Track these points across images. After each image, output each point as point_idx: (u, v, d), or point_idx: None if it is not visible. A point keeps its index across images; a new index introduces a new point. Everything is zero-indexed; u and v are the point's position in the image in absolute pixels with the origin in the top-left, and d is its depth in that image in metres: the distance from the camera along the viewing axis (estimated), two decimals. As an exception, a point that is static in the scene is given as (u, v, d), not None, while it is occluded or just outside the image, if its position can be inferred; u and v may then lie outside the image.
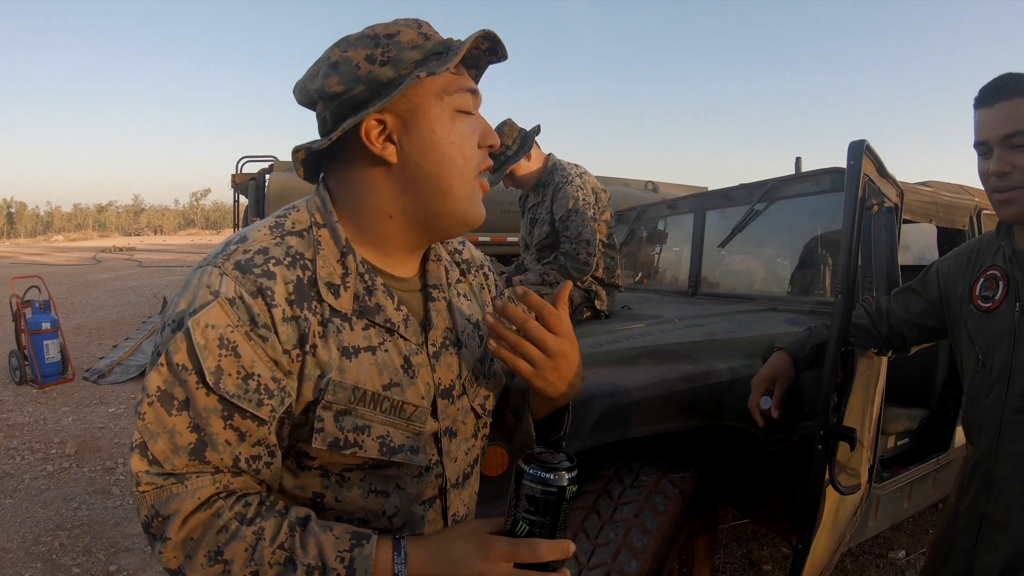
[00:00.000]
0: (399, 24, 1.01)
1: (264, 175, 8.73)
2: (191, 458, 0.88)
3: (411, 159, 1.00)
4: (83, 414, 6.29)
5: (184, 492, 0.88)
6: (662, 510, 2.11)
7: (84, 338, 10.28)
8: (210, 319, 0.88)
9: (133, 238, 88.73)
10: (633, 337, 2.62)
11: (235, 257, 0.94)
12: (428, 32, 1.02)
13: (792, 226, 3.51)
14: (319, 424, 0.96)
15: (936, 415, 3.51)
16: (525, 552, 0.90)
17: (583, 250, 3.17)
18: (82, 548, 3.72)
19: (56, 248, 51.85)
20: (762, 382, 2.09)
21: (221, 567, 0.87)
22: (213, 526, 0.88)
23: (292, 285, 0.95)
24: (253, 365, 0.90)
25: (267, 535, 0.88)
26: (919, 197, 3.10)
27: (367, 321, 1.01)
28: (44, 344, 7.34)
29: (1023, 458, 1.61)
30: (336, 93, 0.99)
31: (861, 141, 1.99)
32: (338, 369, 0.96)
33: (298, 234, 1.00)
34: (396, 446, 1.02)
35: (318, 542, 0.89)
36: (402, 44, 0.98)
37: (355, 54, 0.98)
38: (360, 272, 1.01)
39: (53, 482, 4.68)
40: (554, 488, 0.90)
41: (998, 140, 1.55)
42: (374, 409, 1.00)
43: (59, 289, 16.09)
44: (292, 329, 0.93)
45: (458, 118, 1.02)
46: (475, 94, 1.05)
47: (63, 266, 27.71)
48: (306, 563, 0.87)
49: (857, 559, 3.61)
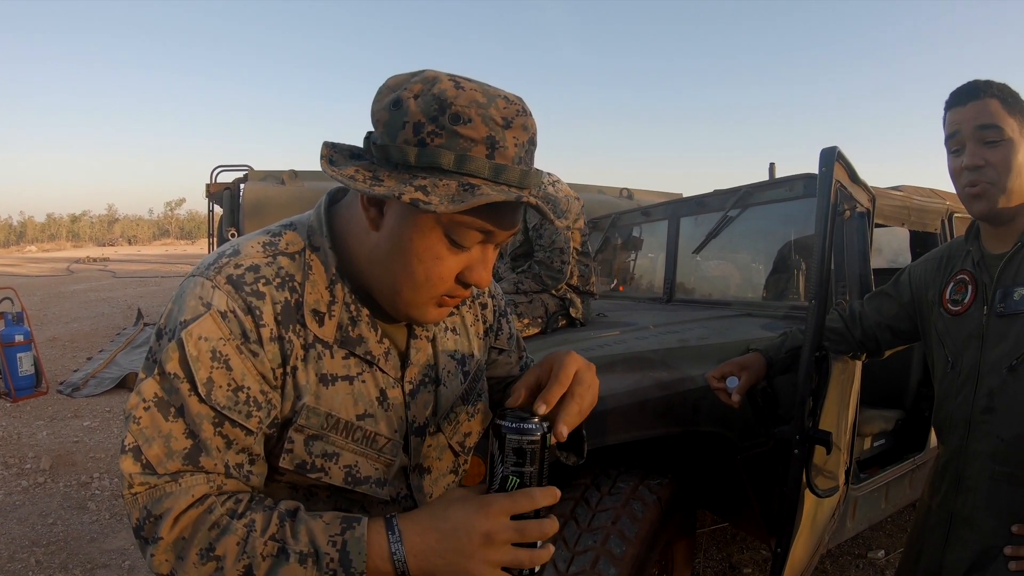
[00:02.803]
0: (482, 111, 0.89)
1: (239, 185, 8.66)
2: (185, 463, 0.89)
3: (385, 241, 0.97)
4: (57, 428, 6.21)
5: (178, 490, 0.88)
6: (640, 516, 2.11)
7: (58, 350, 10.15)
8: (203, 331, 0.90)
9: (107, 248, 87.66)
10: (608, 344, 2.63)
11: (226, 271, 0.94)
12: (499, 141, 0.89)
13: (766, 232, 3.53)
14: (288, 445, 0.97)
15: (911, 416, 3.55)
16: (523, 502, 0.90)
17: (557, 258, 3.18)
18: (58, 564, 3.67)
19: (29, 259, 51.13)
20: (731, 365, 2.09)
21: (214, 564, 0.86)
22: (204, 522, 0.87)
23: (280, 306, 0.96)
24: (244, 378, 0.92)
25: (258, 527, 0.88)
26: (891, 201, 3.13)
27: (347, 351, 1.02)
28: (17, 357, 7.23)
29: (990, 457, 1.65)
30: (377, 133, 0.94)
31: (833, 148, 2.01)
32: (314, 395, 0.98)
33: (290, 256, 1.00)
34: (361, 477, 1.03)
35: (309, 529, 0.88)
36: (456, 138, 0.88)
37: (414, 109, 0.89)
38: (347, 302, 1.02)
39: (28, 497, 4.61)
40: (537, 435, 0.93)
41: (971, 132, 1.58)
42: (346, 437, 1.01)
43: (32, 300, 15.88)
44: (277, 349, 0.95)
45: (444, 245, 0.94)
46: (487, 234, 0.95)
47: (36, 277, 27.33)
48: (298, 551, 0.86)
49: (836, 560, 3.64)
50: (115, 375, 8.02)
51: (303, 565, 0.86)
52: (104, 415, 6.65)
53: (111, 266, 35.41)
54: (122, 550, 3.83)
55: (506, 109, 0.90)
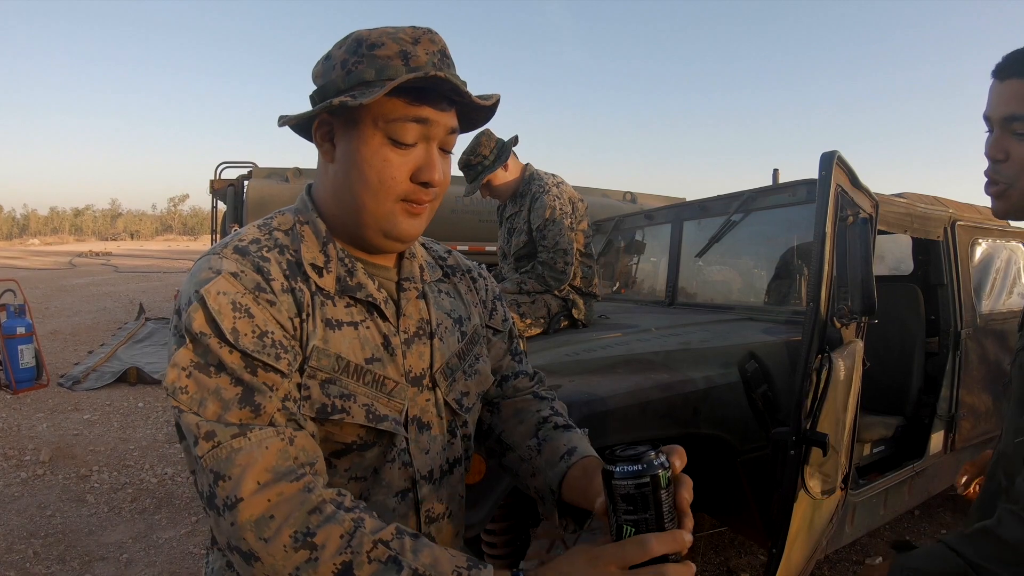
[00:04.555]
0: (392, 36, 1.02)
1: (243, 181, 8.69)
2: (241, 406, 0.90)
3: (340, 165, 1.06)
4: (57, 420, 6.21)
5: (248, 445, 0.87)
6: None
7: (59, 343, 10.15)
8: (220, 287, 0.94)
9: (110, 243, 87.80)
10: (610, 346, 2.63)
11: (232, 244, 1.01)
12: (411, 52, 1.01)
13: (768, 237, 3.54)
14: (305, 392, 0.98)
15: (911, 423, 3.56)
16: (633, 551, 0.84)
17: (560, 259, 3.19)
18: (56, 556, 3.67)
19: (32, 252, 51.21)
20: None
21: (307, 553, 0.83)
22: (303, 502, 0.86)
23: (284, 264, 1.02)
24: (266, 323, 0.95)
25: (367, 526, 0.86)
26: (894, 208, 3.14)
27: (349, 299, 1.07)
28: (19, 349, 7.24)
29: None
30: (316, 84, 1.07)
31: (832, 152, 2.01)
32: (322, 339, 1.01)
33: (284, 231, 1.08)
34: (381, 415, 1.05)
35: (433, 553, 0.87)
36: (375, 59, 1.01)
37: (339, 54, 1.04)
38: (340, 258, 1.08)
39: (27, 489, 4.61)
40: (647, 478, 0.86)
41: (999, 120, 1.34)
42: (357, 380, 1.03)
43: (35, 293, 15.90)
44: (290, 299, 1.00)
45: (387, 146, 1.02)
46: (424, 124, 1.03)
47: (39, 270, 27.40)
48: (414, 567, 0.84)
49: (835, 566, 3.64)
50: (116, 369, 8.02)
51: None
52: (104, 409, 6.65)
53: (113, 261, 35.51)
54: (120, 543, 3.83)
55: (413, 32, 1.03)
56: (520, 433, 1.28)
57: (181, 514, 4.26)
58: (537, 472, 1.19)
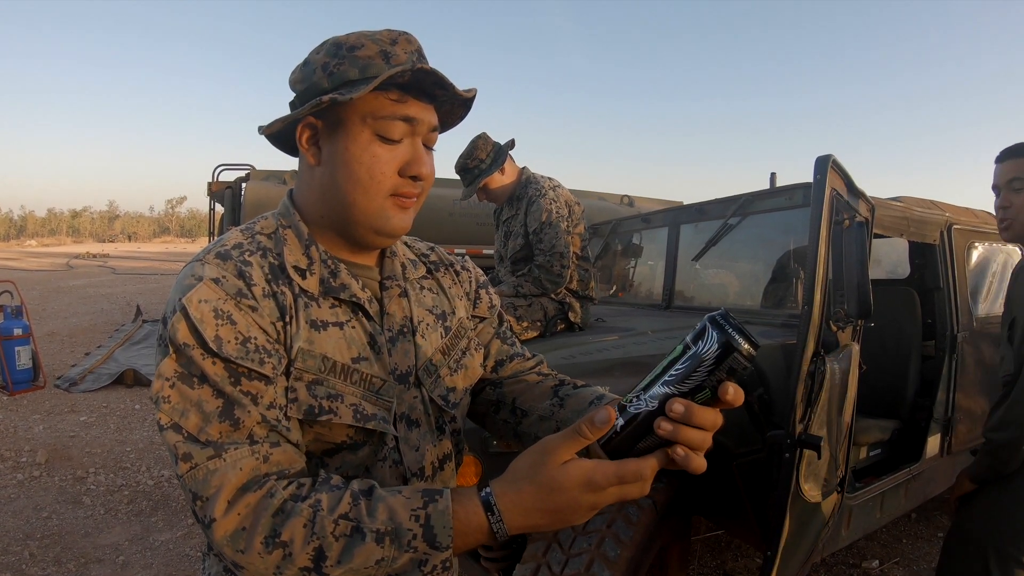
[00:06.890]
0: (370, 37, 1.04)
1: (240, 184, 8.68)
2: (221, 419, 0.90)
3: (327, 167, 1.07)
4: (54, 422, 6.21)
5: (223, 466, 0.88)
6: (635, 520, 2.11)
7: (56, 345, 10.15)
8: (202, 295, 0.94)
9: (107, 244, 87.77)
10: (606, 349, 2.63)
11: (214, 251, 1.02)
12: (391, 52, 1.03)
13: (765, 240, 3.54)
14: (292, 395, 0.99)
15: (907, 426, 3.56)
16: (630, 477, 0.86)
17: (557, 262, 3.19)
18: (52, 558, 3.67)
19: (29, 253, 51.20)
20: None
21: (280, 552, 0.84)
22: (266, 508, 0.86)
23: (266, 267, 1.03)
24: (248, 329, 0.95)
25: (325, 506, 0.87)
26: (890, 212, 3.14)
27: (333, 300, 1.08)
28: (15, 350, 7.24)
29: None
30: (296, 90, 1.08)
31: (827, 156, 2.01)
32: (307, 340, 1.01)
33: (267, 235, 1.09)
34: (369, 414, 1.05)
35: (388, 506, 0.87)
36: (356, 59, 1.03)
37: (318, 58, 1.05)
38: (323, 259, 1.09)
39: (23, 491, 4.62)
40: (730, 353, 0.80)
41: (1004, 184, 2.17)
42: (344, 380, 1.04)
43: (32, 295, 15.89)
44: (272, 304, 1.00)
45: (376, 142, 1.04)
46: (410, 122, 1.05)
47: (36, 271, 27.38)
48: (375, 528, 0.85)
49: (831, 569, 3.64)
50: (113, 371, 8.03)
51: (380, 544, 0.85)
52: (101, 410, 6.65)
53: (111, 262, 35.48)
54: (116, 545, 3.83)
55: (390, 34, 1.05)
56: (536, 396, 1.25)
57: (177, 516, 4.26)
58: (563, 424, 1.14)
